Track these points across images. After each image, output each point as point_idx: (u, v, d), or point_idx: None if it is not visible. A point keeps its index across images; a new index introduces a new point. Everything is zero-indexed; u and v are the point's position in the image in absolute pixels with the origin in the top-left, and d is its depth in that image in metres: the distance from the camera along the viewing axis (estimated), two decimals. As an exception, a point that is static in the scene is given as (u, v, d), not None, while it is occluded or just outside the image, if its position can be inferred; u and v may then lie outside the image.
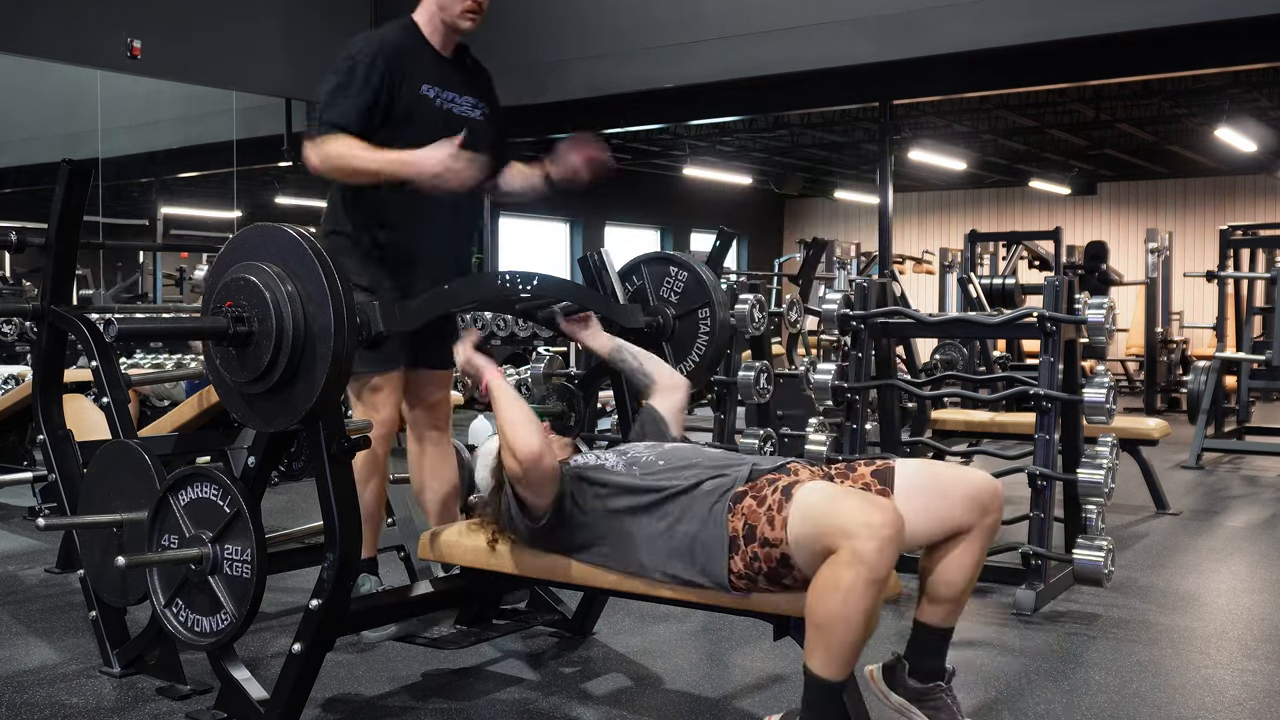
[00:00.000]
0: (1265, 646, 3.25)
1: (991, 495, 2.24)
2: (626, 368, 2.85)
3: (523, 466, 2.30)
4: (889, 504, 2.03)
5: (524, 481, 2.34)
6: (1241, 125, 10.78)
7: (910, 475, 2.26)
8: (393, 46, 2.84)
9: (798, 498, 2.08)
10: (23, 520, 4.94)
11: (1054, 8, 6.56)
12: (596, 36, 8.13)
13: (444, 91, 2.90)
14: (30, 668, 2.97)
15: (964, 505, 2.21)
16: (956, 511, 2.21)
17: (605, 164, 2.96)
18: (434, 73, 2.89)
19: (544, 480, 2.33)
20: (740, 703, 2.74)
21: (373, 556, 3.05)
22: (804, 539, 2.04)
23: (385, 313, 2.41)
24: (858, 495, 2.06)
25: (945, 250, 11.45)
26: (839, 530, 1.97)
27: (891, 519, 1.97)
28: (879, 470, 2.28)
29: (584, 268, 3.16)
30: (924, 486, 2.23)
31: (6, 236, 3.22)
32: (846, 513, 1.99)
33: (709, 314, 3.10)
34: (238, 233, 2.37)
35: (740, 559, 2.13)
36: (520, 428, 2.33)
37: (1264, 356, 7.11)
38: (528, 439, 2.30)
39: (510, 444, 2.32)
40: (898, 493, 2.23)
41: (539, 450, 2.29)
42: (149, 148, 9.50)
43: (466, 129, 2.83)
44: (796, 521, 2.05)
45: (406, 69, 2.84)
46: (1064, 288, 3.67)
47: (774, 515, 2.09)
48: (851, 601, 1.95)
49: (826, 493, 2.07)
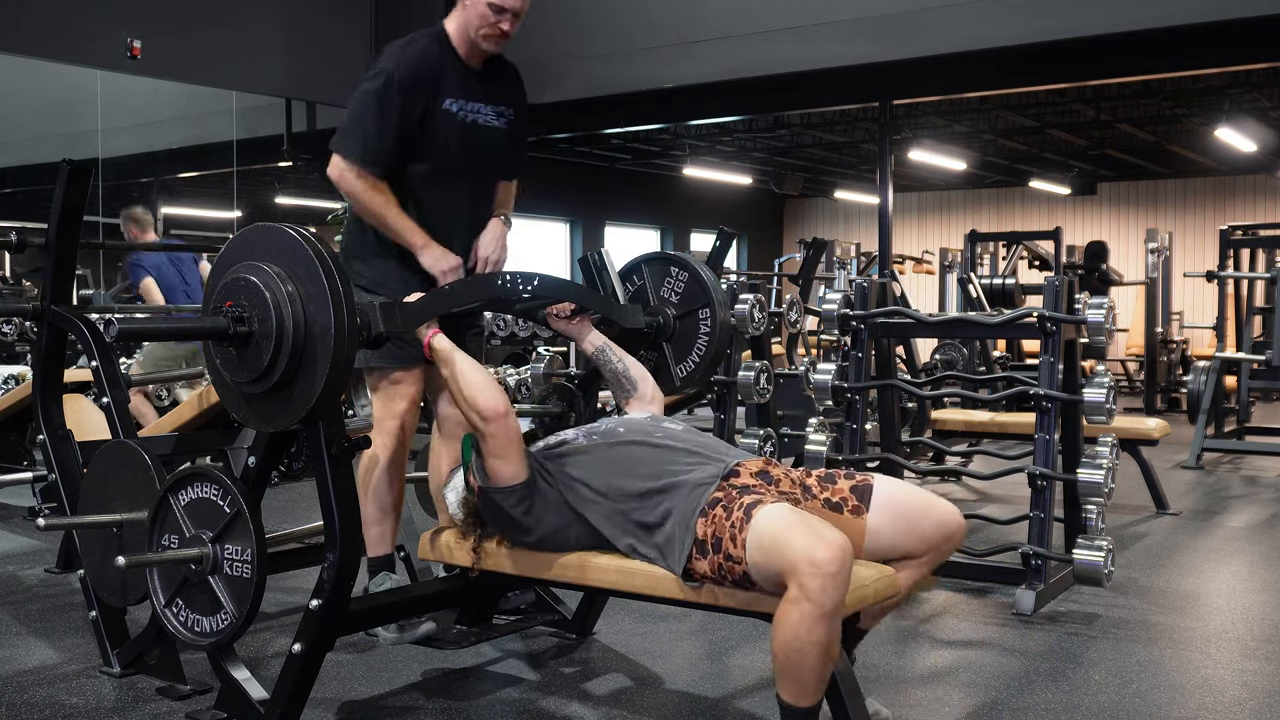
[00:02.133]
0: (1265, 646, 3.25)
1: (956, 530, 2.38)
2: (609, 369, 2.83)
3: (489, 425, 2.39)
4: (836, 539, 2.05)
5: (491, 442, 2.40)
6: (1241, 125, 10.77)
7: (887, 498, 2.36)
8: (417, 65, 2.84)
9: (754, 522, 2.14)
10: (23, 520, 4.94)
11: (1054, 8, 6.56)
12: (596, 36, 8.13)
13: (468, 103, 2.91)
14: (30, 668, 2.97)
15: (929, 537, 2.35)
16: (921, 542, 2.35)
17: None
18: (458, 86, 2.89)
19: (510, 441, 2.40)
20: (740, 703, 2.74)
21: (390, 553, 3.04)
22: (759, 565, 2.13)
23: (385, 314, 2.41)
24: (806, 529, 2.08)
25: (945, 250, 11.44)
26: (787, 565, 2.05)
27: (835, 555, 2.02)
28: (858, 486, 2.38)
29: (584, 268, 3.15)
30: (898, 513, 2.34)
31: (6, 236, 3.22)
32: (794, 548, 2.05)
33: (709, 314, 3.09)
34: (239, 233, 2.37)
35: (708, 564, 2.21)
36: (484, 389, 2.42)
37: (1264, 356, 7.11)
38: (492, 399, 2.40)
39: (475, 405, 2.40)
40: (873, 511, 2.34)
41: (504, 409, 2.40)
42: (149, 148, 9.50)
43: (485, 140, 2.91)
44: (753, 548, 2.13)
45: (429, 88, 2.84)
46: (1064, 288, 3.67)
47: (736, 534, 2.16)
48: (803, 636, 2.04)
49: (780, 523, 2.11)
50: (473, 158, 2.93)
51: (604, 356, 2.85)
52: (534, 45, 8.91)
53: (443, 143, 2.85)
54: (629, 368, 2.82)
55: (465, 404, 2.44)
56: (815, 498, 2.38)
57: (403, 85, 2.78)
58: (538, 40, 8.22)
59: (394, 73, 2.79)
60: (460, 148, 2.88)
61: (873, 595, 2.27)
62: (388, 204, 2.80)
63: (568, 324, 2.92)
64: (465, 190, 2.94)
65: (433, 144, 2.84)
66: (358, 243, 2.94)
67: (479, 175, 2.97)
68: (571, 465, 2.46)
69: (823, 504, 2.37)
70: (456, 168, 2.90)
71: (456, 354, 2.51)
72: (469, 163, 2.93)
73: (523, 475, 2.41)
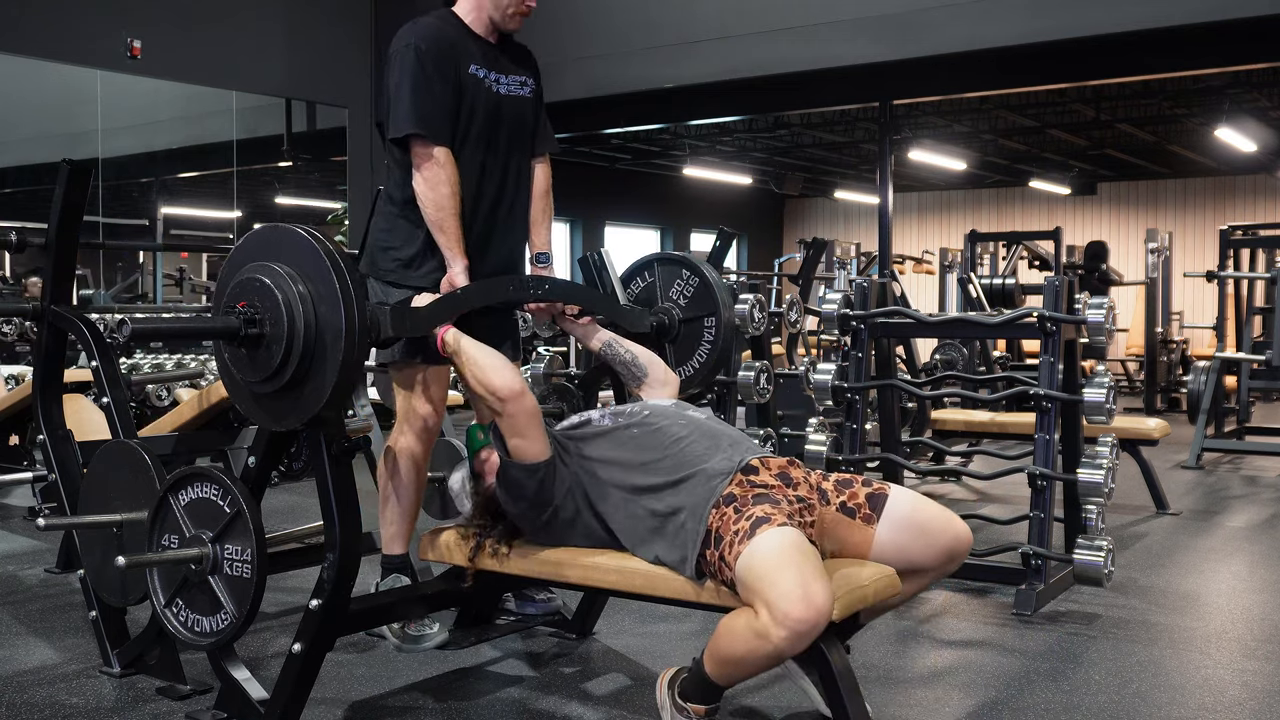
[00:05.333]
0: (1265, 646, 3.25)
1: (965, 547, 2.41)
2: (619, 361, 2.86)
3: (507, 405, 2.40)
4: (819, 598, 2.05)
5: (510, 422, 2.41)
6: (1241, 125, 10.77)
7: (900, 511, 2.38)
8: (436, 33, 2.86)
9: (754, 542, 2.14)
10: (23, 520, 4.94)
11: (1054, 8, 6.56)
12: (596, 36, 8.13)
13: (491, 72, 2.92)
14: (30, 668, 2.97)
15: (940, 554, 2.38)
16: (931, 557, 2.38)
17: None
18: (481, 55, 2.91)
19: (529, 419, 2.41)
20: (740, 703, 2.74)
21: (405, 554, 3.04)
22: (742, 583, 2.15)
23: (395, 317, 2.41)
24: (797, 574, 2.08)
25: (945, 250, 11.43)
26: (765, 601, 2.07)
27: (810, 618, 2.03)
28: (874, 494, 2.39)
29: (584, 268, 3.16)
30: (910, 527, 2.37)
31: (6, 236, 3.23)
32: (777, 591, 2.06)
33: (715, 322, 3.09)
34: (250, 232, 2.37)
35: (710, 556, 2.24)
36: (499, 370, 2.44)
37: (1264, 356, 7.10)
38: (508, 378, 2.42)
39: (491, 387, 2.41)
40: (883, 521, 2.36)
41: (520, 387, 2.42)
42: (149, 148, 9.49)
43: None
44: (743, 567, 2.14)
45: (453, 52, 2.86)
46: (1064, 288, 3.67)
47: (735, 543, 2.17)
48: (750, 661, 2.13)
49: (776, 557, 2.11)
50: (504, 127, 2.95)
51: (612, 350, 2.88)
52: (535, 45, 8.86)
53: (470, 109, 2.87)
54: (637, 355, 2.85)
55: (480, 387, 2.44)
56: (830, 503, 2.39)
57: (430, 52, 2.81)
58: (538, 40, 8.20)
59: (418, 43, 2.82)
60: (489, 116, 2.91)
61: (872, 596, 2.27)
62: (454, 195, 2.80)
63: (575, 325, 2.95)
64: (497, 162, 2.95)
65: (462, 111, 2.86)
66: (390, 235, 2.94)
67: (510, 145, 2.98)
68: (590, 446, 2.48)
69: (837, 508, 2.38)
70: (489, 136, 2.92)
71: (464, 340, 2.51)
72: (500, 132, 2.94)
73: (546, 453, 2.43)
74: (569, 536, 2.48)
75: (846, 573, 2.27)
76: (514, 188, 3.01)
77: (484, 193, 2.94)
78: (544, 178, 3.12)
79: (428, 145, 2.79)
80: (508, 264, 3.03)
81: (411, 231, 2.89)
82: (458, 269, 2.82)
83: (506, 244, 3.03)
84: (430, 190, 2.79)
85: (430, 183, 2.79)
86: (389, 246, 2.93)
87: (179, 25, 7.47)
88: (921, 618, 3.52)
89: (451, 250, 2.82)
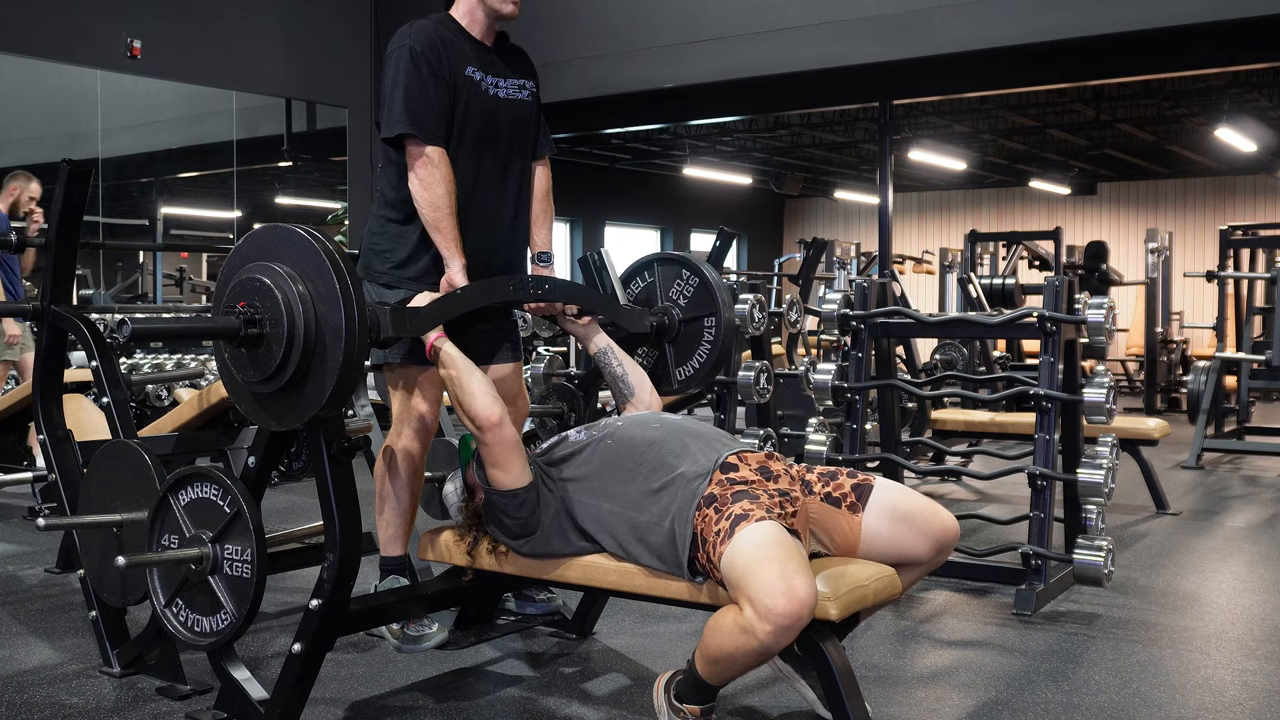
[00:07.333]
0: (1265, 646, 3.25)
1: (953, 538, 2.40)
2: (609, 371, 2.87)
3: (485, 434, 2.42)
4: (802, 590, 2.05)
5: (487, 451, 2.43)
6: (1241, 125, 10.77)
7: (886, 500, 2.38)
8: (431, 35, 2.86)
9: (734, 542, 2.15)
10: (23, 520, 4.94)
11: (1054, 8, 6.55)
12: (595, 36, 8.12)
13: (488, 75, 2.92)
14: (30, 668, 2.97)
15: (929, 544, 2.37)
16: (920, 548, 2.37)
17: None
18: (477, 58, 2.91)
19: (506, 450, 2.43)
20: (740, 702, 2.74)
21: (404, 555, 3.04)
22: (728, 580, 2.16)
23: (395, 317, 2.41)
24: (779, 567, 2.08)
25: (945, 250, 11.44)
26: (749, 597, 2.08)
27: (794, 610, 2.03)
28: (859, 485, 2.39)
29: (584, 268, 3.15)
30: (898, 515, 2.37)
31: (6, 236, 3.23)
32: (760, 585, 2.07)
33: (715, 322, 3.09)
34: (251, 232, 2.37)
35: (700, 557, 2.26)
36: (480, 398, 2.44)
37: (1264, 356, 7.11)
38: (488, 407, 2.42)
39: (471, 413, 2.43)
40: (869, 511, 2.36)
41: (499, 417, 2.42)
42: (149, 148, 9.49)
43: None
44: (726, 565, 2.16)
45: (448, 53, 2.86)
46: (1064, 288, 3.67)
47: (718, 544, 2.19)
48: (738, 658, 2.14)
49: (757, 551, 2.12)
50: (503, 130, 2.95)
51: (606, 359, 2.88)
52: (533, 45, 8.84)
53: (465, 110, 2.87)
54: (628, 373, 2.86)
55: (462, 410, 2.47)
56: (815, 493, 2.39)
57: (425, 53, 2.81)
58: (538, 40, 8.21)
59: (413, 45, 2.82)
60: (486, 119, 2.90)
61: (872, 596, 2.28)
62: (443, 209, 2.79)
63: (575, 325, 2.95)
64: (496, 164, 2.95)
65: (458, 113, 2.86)
66: (383, 237, 2.93)
67: (510, 148, 2.98)
68: (569, 467, 2.48)
69: (822, 498, 2.39)
70: (486, 139, 2.92)
71: (458, 358, 2.51)
72: (498, 135, 2.94)
73: (524, 479, 2.44)
74: (561, 556, 2.49)
75: (847, 572, 2.27)
76: (515, 190, 3.01)
77: (481, 195, 2.93)
78: (544, 179, 3.12)
79: (421, 145, 2.78)
80: (509, 266, 3.03)
81: (404, 233, 2.89)
82: (456, 268, 2.81)
83: (508, 246, 3.03)
84: (425, 190, 2.78)
85: (425, 183, 2.78)
86: (382, 249, 2.92)
87: (179, 25, 7.47)
88: (921, 618, 3.52)
89: (449, 250, 2.81)
